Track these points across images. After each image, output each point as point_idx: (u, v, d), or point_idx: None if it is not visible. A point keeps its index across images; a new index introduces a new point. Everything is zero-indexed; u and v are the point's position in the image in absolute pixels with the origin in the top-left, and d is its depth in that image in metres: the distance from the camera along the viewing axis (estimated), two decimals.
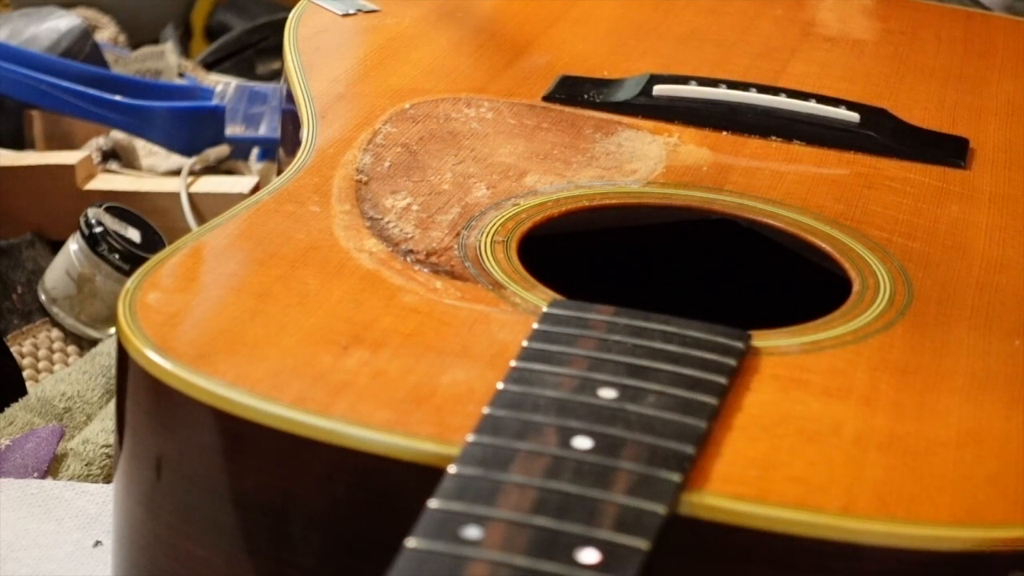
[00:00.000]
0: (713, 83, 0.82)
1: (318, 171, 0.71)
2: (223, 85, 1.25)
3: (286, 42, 0.88)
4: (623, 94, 0.76)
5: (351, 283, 0.61)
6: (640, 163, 0.75)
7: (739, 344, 0.57)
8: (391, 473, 0.51)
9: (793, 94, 0.82)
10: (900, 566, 0.49)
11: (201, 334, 0.57)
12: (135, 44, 1.43)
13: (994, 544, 0.50)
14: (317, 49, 0.88)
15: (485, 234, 0.67)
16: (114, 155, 1.16)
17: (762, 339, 0.58)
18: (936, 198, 0.74)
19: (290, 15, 0.92)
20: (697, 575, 0.50)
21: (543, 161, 0.74)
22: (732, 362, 0.56)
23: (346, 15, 0.93)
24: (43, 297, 0.99)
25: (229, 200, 1.01)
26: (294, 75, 0.83)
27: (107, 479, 0.78)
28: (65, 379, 0.87)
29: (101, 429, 0.81)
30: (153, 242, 1.00)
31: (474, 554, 0.46)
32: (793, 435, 0.53)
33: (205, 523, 0.54)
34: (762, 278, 0.74)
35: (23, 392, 0.87)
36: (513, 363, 0.55)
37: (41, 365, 0.95)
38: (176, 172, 1.11)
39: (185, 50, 1.61)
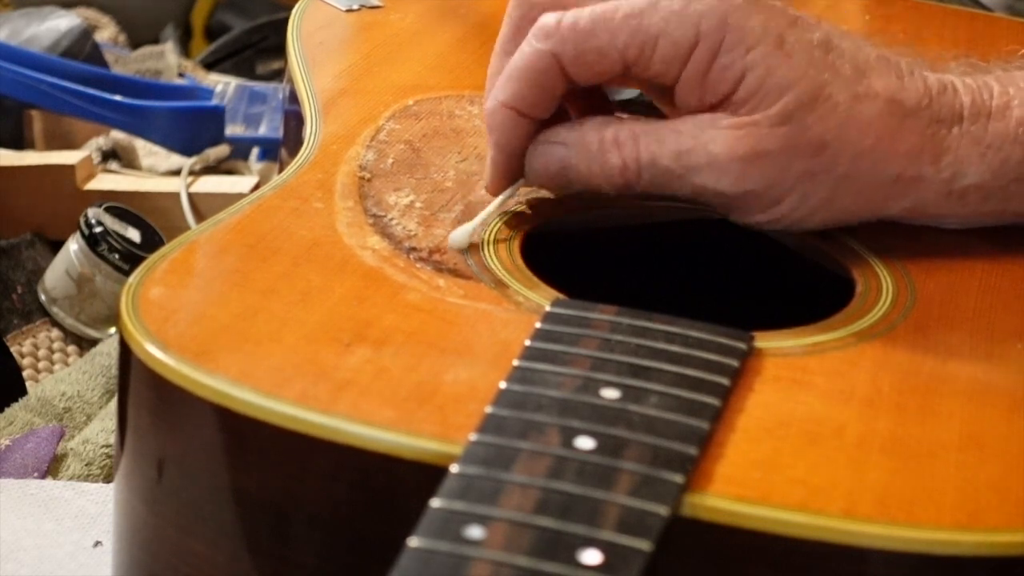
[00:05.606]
0: None
1: (321, 167, 0.71)
2: (223, 85, 1.25)
3: (289, 37, 0.87)
4: (627, 92, 0.76)
5: (354, 280, 0.61)
6: None
7: (741, 345, 0.57)
8: (393, 472, 0.51)
9: None
10: (901, 569, 0.49)
11: (204, 330, 0.57)
12: (135, 44, 1.42)
13: (995, 548, 0.49)
14: (320, 45, 0.88)
15: (488, 232, 0.66)
16: (114, 155, 1.16)
17: (765, 340, 0.58)
18: None
19: (293, 10, 0.92)
20: None
21: None
22: (735, 363, 0.56)
23: (349, 11, 0.93)
24: (43, 297, 0.98)
25: (229, 200, 1.00)
26: (297, 71, 0.82)
27: (107, 479, 0.78)
28: (65, 379, 0.87)
29: (101, 429, 0.81)
30: (153, 242, 1.00)
31: (476, 554, 0.45)
32: (795, 437, 0.53)
33: (207, 520, 0.54)
34: (765, 278, 0.74)
35: (23, 392, 0.86)
36: (516, 362, 0.54)
37: (41, 365, 0.95)
38: (176, 172, 1.11)
39: (185, 50, 1.61)
